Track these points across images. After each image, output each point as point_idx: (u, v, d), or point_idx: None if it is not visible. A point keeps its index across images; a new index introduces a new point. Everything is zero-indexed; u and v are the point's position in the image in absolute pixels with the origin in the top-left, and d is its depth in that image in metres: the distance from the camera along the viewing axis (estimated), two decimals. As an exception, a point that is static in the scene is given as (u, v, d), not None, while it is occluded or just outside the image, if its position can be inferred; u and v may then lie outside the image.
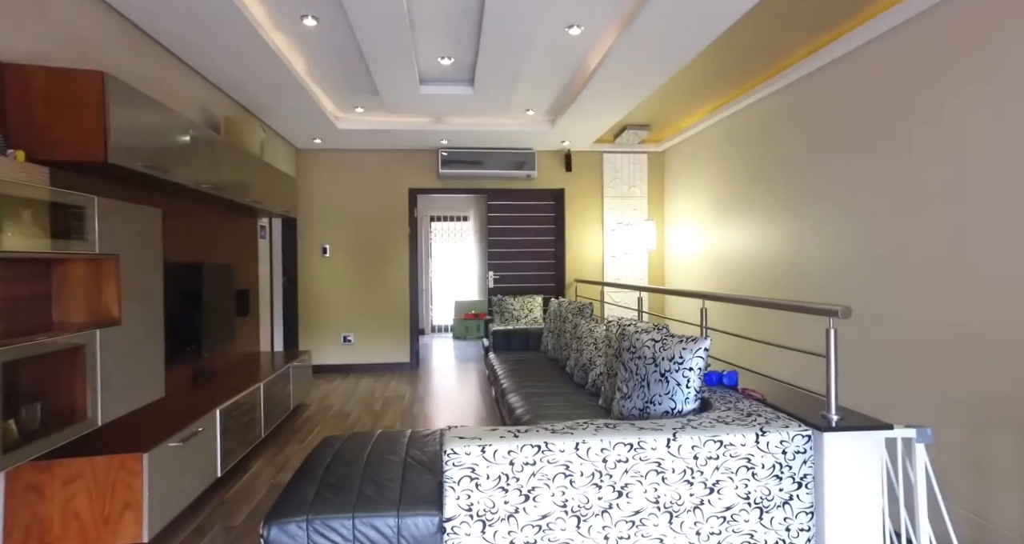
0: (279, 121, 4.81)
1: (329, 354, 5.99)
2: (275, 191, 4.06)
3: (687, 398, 2.19)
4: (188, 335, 3.13)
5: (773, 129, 4.13)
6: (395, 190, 6.05)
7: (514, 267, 6.30)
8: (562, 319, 4.32)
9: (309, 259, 5.94)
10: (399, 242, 6.06)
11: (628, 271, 6.22)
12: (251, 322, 4.43)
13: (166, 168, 2.48)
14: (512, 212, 6.30)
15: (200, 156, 2.82)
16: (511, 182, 6.16)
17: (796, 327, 3.74)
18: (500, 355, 4.68)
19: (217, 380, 3.40)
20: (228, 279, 3.73)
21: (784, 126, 3.98)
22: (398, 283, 6.06)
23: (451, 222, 9.42)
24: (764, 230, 4.30)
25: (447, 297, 9.41)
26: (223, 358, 3.84)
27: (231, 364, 3.94)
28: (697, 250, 5.45)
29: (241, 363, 4.02)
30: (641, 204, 6.23)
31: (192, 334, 3.17)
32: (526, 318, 5.66)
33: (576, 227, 6.22)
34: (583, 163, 6.21)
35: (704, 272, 5.31)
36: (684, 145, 5.73)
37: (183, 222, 3.26)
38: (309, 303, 5.95)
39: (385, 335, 6.05)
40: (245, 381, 3.37)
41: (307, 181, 5.94)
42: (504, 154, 5.93)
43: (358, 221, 6.01)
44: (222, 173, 3.09)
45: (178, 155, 2.60)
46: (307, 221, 5.93)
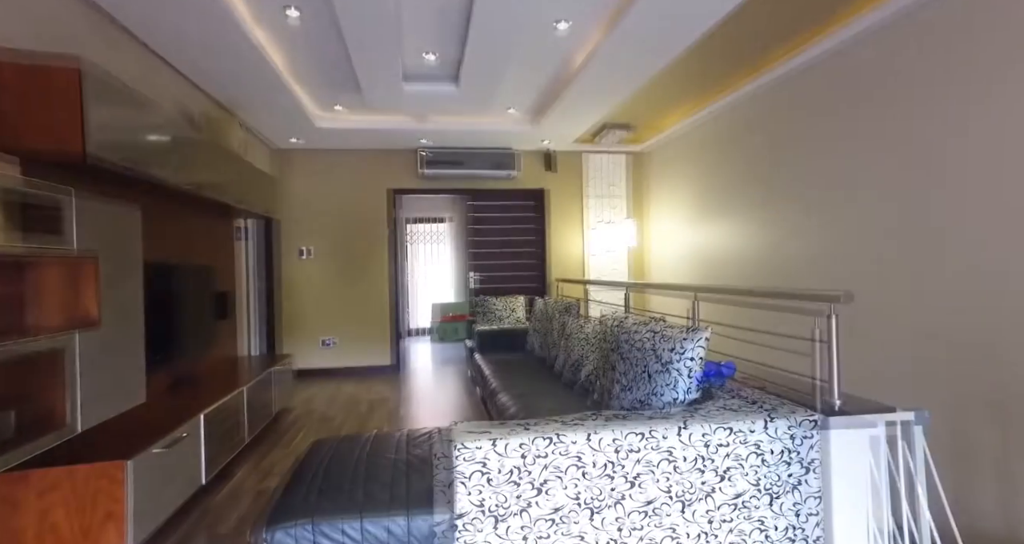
0: (257, 119, 4.69)
1: (310, 358, 5.85)
2: (256, 191, 3.95)
3: (689, 388, 2.20)
4: (167, 339, 3.01)
5: (755, 128, 4.20)
6: (375, 191, 5.96)
7: (496, 267, 6.27)
8: (548, 318, 4.31)
9: (288, 261, 5.80)
10: (380, 244, 5.97)
11: (609, 269, 6.26)
12: (230, 326, 4.29)
13: (146, 164, 2.38)
14: (494, 212, 6.27)
15: (181, 153, 2.71)
16: (493, 182, 6.13)
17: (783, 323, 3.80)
18: (486, 356, 4.64)
19: (198, 385, 3.27)
20: (207, 281, 3.61)
21: (765, 125, 4.06)
22: (379, 285, 5.97)
23: (430, 224, 9.34)
24: (747, 228, 4.37)
25: (426, 299, 9.32)
26: (203, 363, 3.70)
27: (211, 369, 3.81)
28: (680, 248, 5.51)
29: (221, 368, 3.89)
30: (621, 203, 6.28)
31: (171, 338, 3.05)
32: (509, 318, 5.63)
33: (558, 227, 6.23)
34: (565, 163, 6.22)
35: (687, 269, 5.37)
36: (666, 145, 5.79)
37: (159, 222, 3.14)
38: (289, 306, 5.80)
39: (366, 338, 5.94)
40: (227, 386, 3.25)
41: (285, 182, 5.80)
42: (486, 154, 5.90)
43: (338, 223, 5.89)
44: (203, 171, 2.98)
45: (159, 151, 2.49)
46: (285, 223, 5.79)
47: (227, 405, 3.01)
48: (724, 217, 4.68)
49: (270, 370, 3.91)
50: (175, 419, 2.50)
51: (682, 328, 2.27)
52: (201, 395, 3.00)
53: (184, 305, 3.21)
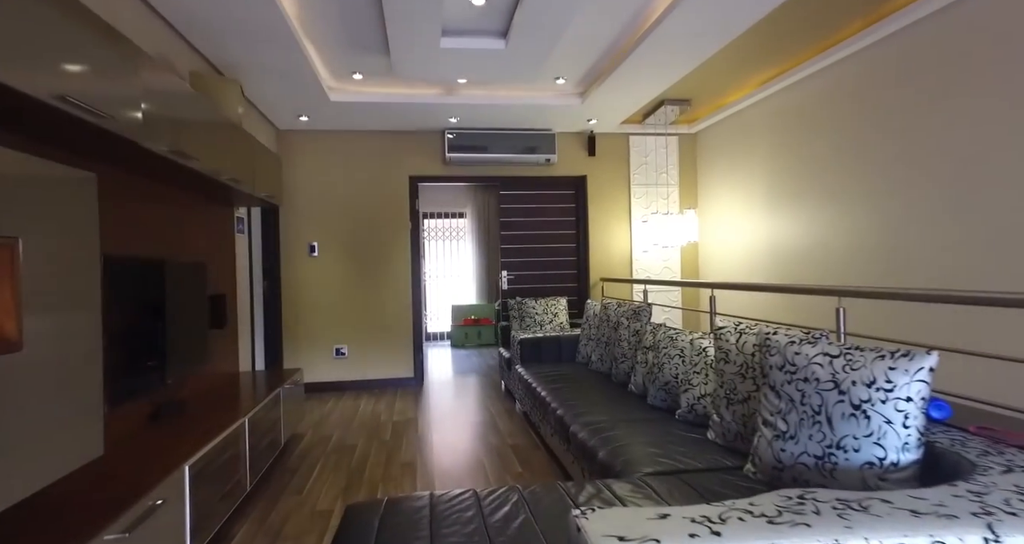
0: (258, 87, 3.96)
1: (321, 369, 5.12)
2: (259, 169, 3.22)
3: (906, 444, 1.48)
4: (145, 357, 2.28)
5: (859, 98, 3.46)
6: (394, 178, 5.23)
7: (530, 265, 5.54)
8: (612, 325, 3.58)
9: (296, 259, 5.08)
10: (399, 239, 5.24)
11: (660, 267, 5.52)
12: (228, 336, 3.57)
13: (107, 110, 1.65)
14: (528, 203, 5.53)
15: (159, 104, 1.99)
16: (527, 169, 5.40)
17: (985, 336, 3.07)
18: (531, 368, 3.91)
19: (186, 417, 2.54)
20: (199, 282, 2.88)
21: (864, 96, 3.32)
22: (399, 286, 5.24)
23: (446, 219, 8.61)
24: (845, 216, 3.63)
25: (443, 301, 8.59)
26: (194, 385, 2.97)
27: (204, 392, 3.08)
28: (744, 242, 4.77)
29: (217, 390, 3.16)
30: (673, 192, 5.54)
31: (151, 355, 2.32)
32: (551, 324, 4.90)
33: (601, 219, 5.50)
34: (607, 147, 5.49)
35: (755, 266, 4.63)
36: (724, 124, 5.06)
37: (137, 204, 2.41)
38: (295, 310, 5.07)
39: (384, 346, 5.22)
40: (224, 416, 2.52)
41: (291, 168, 5.07)
42: (520, 136, 5.18)
43: (352, 215, 5.17)
44: (189, 134, 2.25)
45: (124, 93, 1.76)
46: (293, 216, 5.07)
47: (223, 445, 2.28)
48: (815, 205, 3.94)
49: (278, 390, 3.19)
50: (147, 478, 1.77)
51: (882, 351, 1.56)
52: (188, 433, 2.27)
53: (170, 312, 2.49)
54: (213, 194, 3.09)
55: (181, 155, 2.14)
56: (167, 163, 2.15)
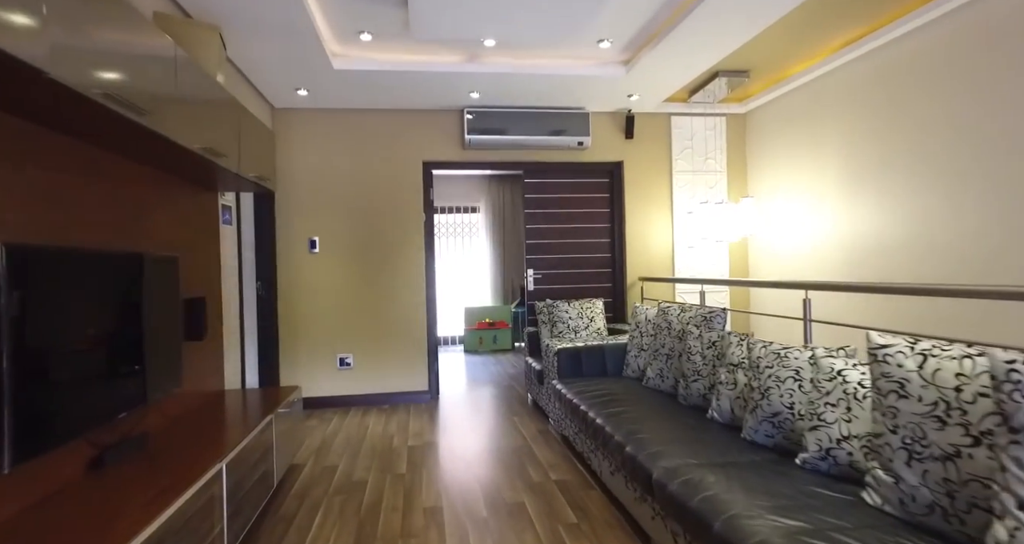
0: (246, 50, 3.33)
1: (322, 383, 4.49)
2: (244, 141, 2.59)
3: None
4: (83, 385, 1.65)
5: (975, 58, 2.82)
6: (406, 164, 4.60)
7: (559, 263, 4.90)
8: (676, 334, 2.95)
9: (294, 256, 4.45)
10: (410, 233, 4.61)
11: (706, 265, 4.88)
12: (210, 348, 2.94)
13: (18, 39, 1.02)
14: (556, 192, 4.90)
15: (80, 18, 1.36)
16: (556, 153, 4.76)
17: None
18: (573, 385, 3.27)
19: (143, 461, 1.92)
20: (169, 282, 2.25)
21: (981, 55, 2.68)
22: (409, 286, 4.61)
23: (458, 214, 7.98)
24: (961, 202, 2.99)
25: (455, 303, 7.95)
26: (162, 413, 2.35)
27: (176, 422, 2.45)
28: (810, 236, 4.13)
29: (193, 419, 2.53)
30: (720, 180, 4.90)
31: (91, 382, 1.69)
32: (586, 330, 4.26)
33: (638, 211, 4.86)
34: (647, 128, 4.85)
35: (825, 264, 3.99)
36: (785, 100, 4.42)
37: (67, 176, 1.79)
38: (293, 315, 4.44)
39: (394, 356, 4.59)
40: (195, 461, 1.90)
41: (289, 152, 4.45)
42: (549, 116, 4.54)
43: (357, 206, 4.54)
44: (135, 74, 1.63)
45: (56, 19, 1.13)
46: (289, 205, 4.44)
47: (190, 504, 1.65)
48: (913, 188, 3.30)
49: (270, 417, 2.56)
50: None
51: None
52: (139, 490, 1.64)
53: (125, 321, 1.86)
54: (187, 172, 2.46)
55: (122, 103, 1.51)
56: (104, 115, 1.52)
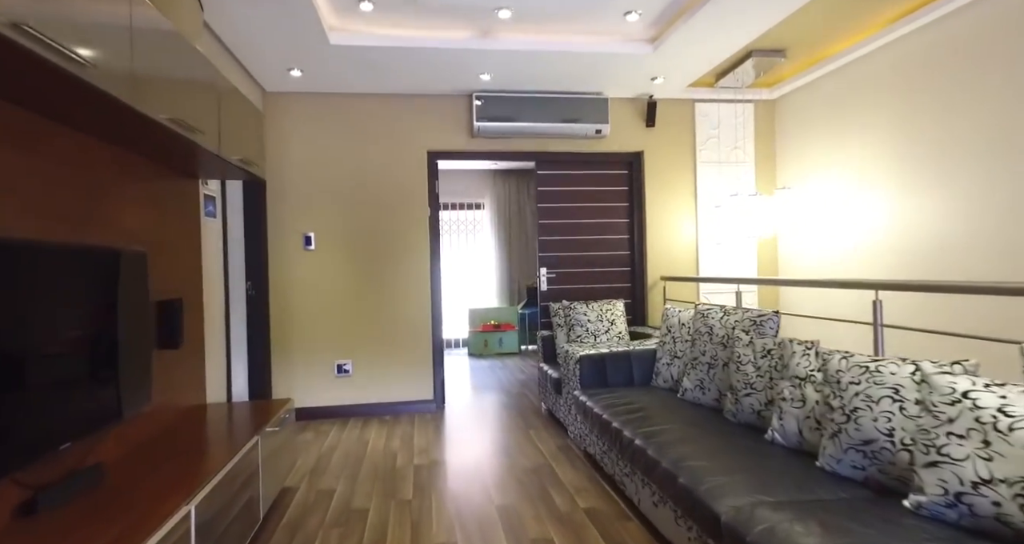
0: (232, 23, 2.96)
1: (318, 392, 4.12)
2: (225, 117, 2.23)
3: None
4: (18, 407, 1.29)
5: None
6: (409, 154, 4.24)
7: (574, 261, 4.55)
8: (719, 340, 2.60)
9: (285, 253, 4.08)
10: (414, 228, 4.25)
11: (734, 264, 4.53)
12: (190, 357, 2.57)
13: None
14: (571, 185, 4.54)
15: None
16: (571, 142, 4.40)
17: None
18: (599, 398, 2.92)
19: (92, 503, 1.55)
20: (137, 281, 1.89)
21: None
22: (413, 286, 4.24)
23: (461, 210, 7.61)
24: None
25: (459, 304, 7.59)
26: (125, 438, 1.98)
27: (139, 451, 2.08)
28: (849, 232, 3.78)
29: (162, 444, 2.16)
30: (747, 172, 4.55)
31: (27, 404, 1.33)
32: (606, 333, 3.90)
33: (660, 205, 4.50)
34: (670, 116, 4.50)
35: (871, 262, 3.64)
36: (821, 84, 4.06)
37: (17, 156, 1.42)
38: (286, 319, 4.08)
39: (396, 362, 4.22)
40: (156, 502, 1.53)
41: (282, 140, 4.08)
42: (565, 101, 4.18)
43: (356, 199, 4.17)
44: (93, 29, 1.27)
45: None
46: (283, 198, 4.08)
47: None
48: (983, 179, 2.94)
49: (256, 438, 2.19)
50: None
51: None
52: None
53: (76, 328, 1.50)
54: (158, 152, 2.10)
55: (51, 48, 1.14)
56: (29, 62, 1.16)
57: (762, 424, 2.25)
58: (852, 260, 3.80)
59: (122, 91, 1.43)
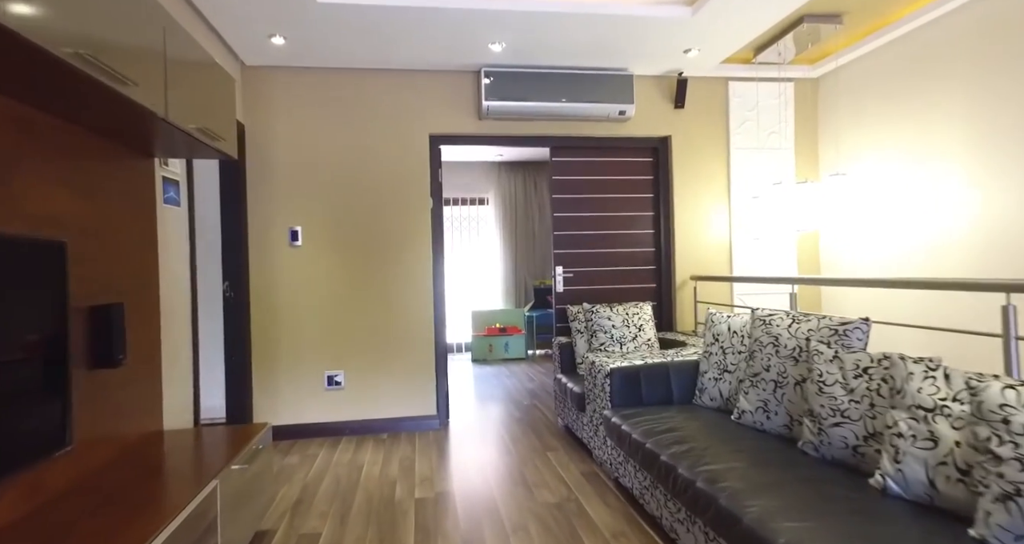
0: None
1: (306, 407, 3.64)
2: (175, 73, 1.74)
3: None
4: None
5: None
6: (409, 138, 3.76)
7: (593, 259, 4.07)
8: (788, 353, 2.13)
9: (269, 250, 3.60)
10: (416, 222, 3.77)
11: (772, 261, 4.05)
12: (139, 375, 2.09)
13: None
14: (590, 173, 4.06)
15: None
16: (591, 125, 3.93)
17: None
18: (636, 419, 2.44)
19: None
20: (50, 280, 1.41)
21: None
22: (415, 288, 3.76)
23: (464, 206, 7.13)
24: None
25: (461, 306, 7.11)
26: (36, 492, 1.50)
27: (50, 507, 1.60)
28: (910, 226, 3.31)
29: (85, 496, 1.68)
30: (785, 159, 4.07)
31: None
32: (634, 341, 3.43)
33: (689, 196, 4.03)
34: (700, 96, 4.02)
35: (940, 260, 3.16)
36: (876, 57, 3.59)
37: None
38: (269, 324, 3.59)
39: (394, 372, 3.74)
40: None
41: (264, 120, 3.59)
42: (586, 78, 3.71)
43: (349, 189, 3.69)
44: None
45: None
46: (265, 187, 3.59)
47: None
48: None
49: (214, 483, 1.71)
50: None
51: None
52: None
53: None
54: (81, 113, 1.62)
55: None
56: None
57: (860, 464, 1.77)
58: (918, 256, 3.33)
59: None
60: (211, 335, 3.61)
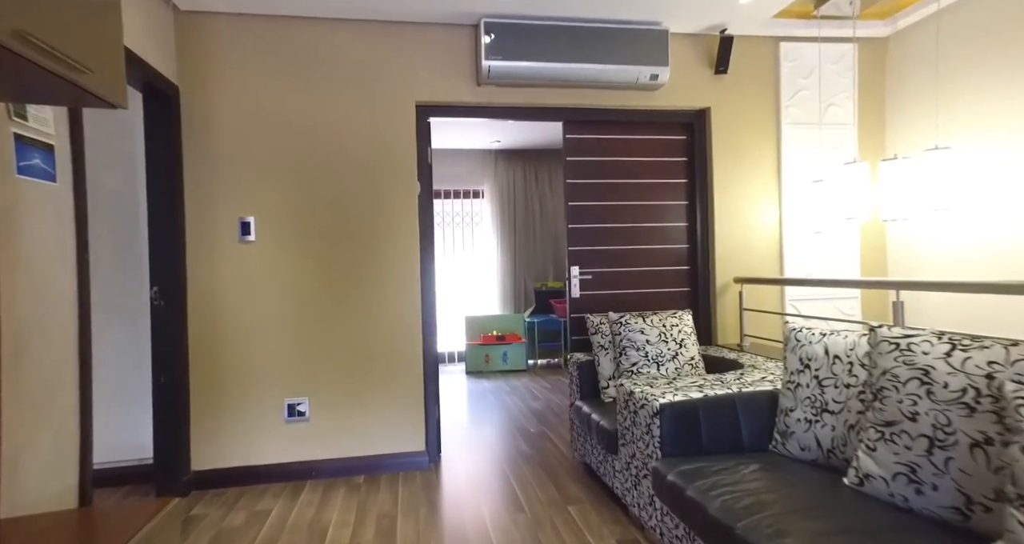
0: None
1: (258, 444, 2.88)
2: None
3: None
4: None
5: None
6: (391, 108, 3.02)
7: (615, 258, 3.36)
8: (964, 401, 1.41)
9: (211, 245, 2.84)
10: (399, 212, 3.03)
11: (830, 258, 3.36)
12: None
13: None
14: (610, 154, 3.35)
15: None
16: (614, 95, 3.21)
17: None
18: (701, 479, 1.74)
19: None
20: None
21: None
22: (397, 291, 3.03)
23: (456, 200, 6.40)
24: None
25: (453, 311, 6.37)
26: None
27: None
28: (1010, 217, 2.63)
29: None
30: (847, 136, 3.38)
31: None
32: (673, 361, 2.71)
33: (733, 181, 3.33)
34: (746, 60, 3.32)
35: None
36: (965, 7, 2.91)
37: None
38: (212, 340, 2.84)
39: (372, 399, 3.00)
40: None
41: (203, 82, 2.84)
42: (609, 33, 2.99)
43: (316, 170, 2.95)
44: None
45: None
46: (207, 168, 2.84)
47: None
48: None
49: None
50: None
51: None
52: None
53: None
54: None
55: None
56: None
57: None
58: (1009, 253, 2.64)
59: None
60: (127, 357, 2.85)
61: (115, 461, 2.78)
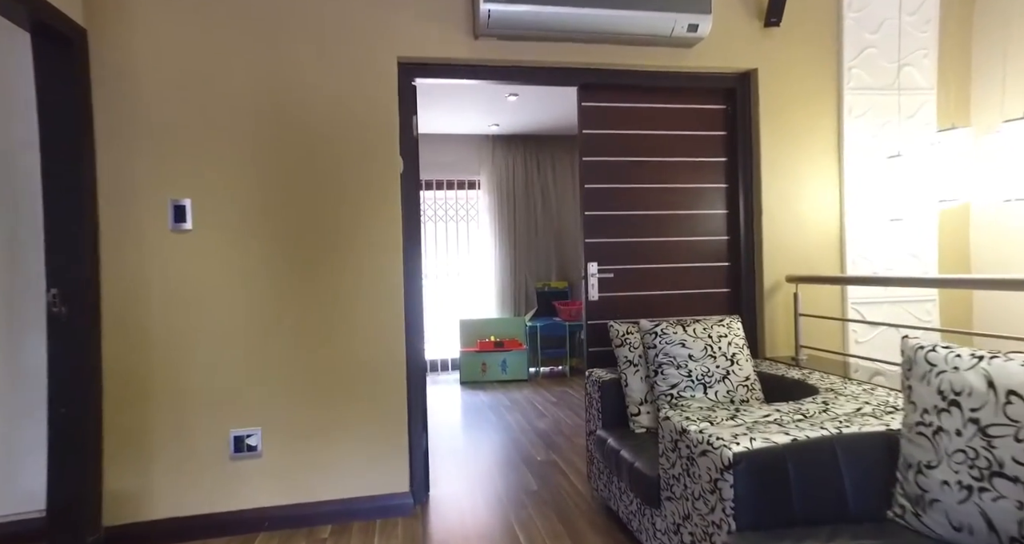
0: None
1: (196, 488, 2.27)
2: None
3: None
4: None
5: None
6: (366, 65, 2.41)
7: (640, 252, 2.77)
8: None
9: (135, 236, 2.22)
10: (377, 195, 2.42)
11: (901, 250, 2.78)
12: None
13: None
14: (634, 127, 2.76)
15: None
16: (639, 52, 2.61)
17: None
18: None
19: None
20: None
21: None
22: (375, 294, 2.42)
23: (448, 190, 5.80)
24: None
25: (446, 314, 5.77)
26: None
27: None
28: None
29: None
30: (924, 103, 2.80)
31: None
32: (724, 381, 2.12)
33: (783, 160, 2.74)
34: (800, 13, 2.73)
35: None
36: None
37: None
38: (134, 357, 2.22)
39: (343, 427, 2.39)
40: None
41: (122, 27, 2.22)
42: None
43: (270, 143, 2.34)
44: None
45: None
46: (130, 136, 2.22)
47: None
48: None
49: None
50: None
51: None
52: None
53: None
54: None
55: None
56: None
57: None
58: None
59: None
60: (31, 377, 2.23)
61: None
